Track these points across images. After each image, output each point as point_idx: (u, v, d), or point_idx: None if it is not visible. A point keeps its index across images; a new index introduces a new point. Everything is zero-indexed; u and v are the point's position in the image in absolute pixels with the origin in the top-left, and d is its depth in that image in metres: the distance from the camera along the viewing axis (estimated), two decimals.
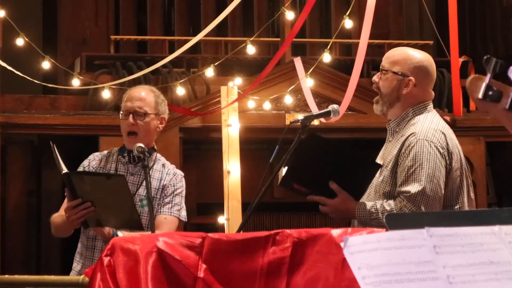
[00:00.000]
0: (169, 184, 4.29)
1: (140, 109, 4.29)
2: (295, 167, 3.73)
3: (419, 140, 3.66)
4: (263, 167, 3.89)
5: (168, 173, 4.33)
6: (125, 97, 4.40)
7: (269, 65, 6.28)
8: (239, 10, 7.85)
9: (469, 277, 1.76)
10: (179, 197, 4.29)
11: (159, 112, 4.34)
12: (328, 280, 2.97)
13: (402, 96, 3.79)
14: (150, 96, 4.35)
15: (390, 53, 3.89)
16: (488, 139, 7.35)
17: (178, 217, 4.27)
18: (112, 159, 4.35)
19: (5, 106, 6.86)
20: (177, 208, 4.27)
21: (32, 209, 7.17)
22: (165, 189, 4.28)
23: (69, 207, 4.01)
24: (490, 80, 2.02)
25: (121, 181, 4.00)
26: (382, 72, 3.84)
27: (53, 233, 4.33)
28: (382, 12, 8.03)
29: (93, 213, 3.99)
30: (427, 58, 3.89)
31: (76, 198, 3.99)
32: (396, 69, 3.80)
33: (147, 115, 4.29)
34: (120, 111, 4.35)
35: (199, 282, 3.11)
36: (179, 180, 4.33)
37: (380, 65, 3.88)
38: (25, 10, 7.82)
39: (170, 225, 4.24)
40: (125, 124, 4.30)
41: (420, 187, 3.60)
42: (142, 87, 4.48)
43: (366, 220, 3.67)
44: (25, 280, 3.73)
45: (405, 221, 1.98)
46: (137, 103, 4.30)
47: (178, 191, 4.30)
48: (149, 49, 7.93)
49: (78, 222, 4.04)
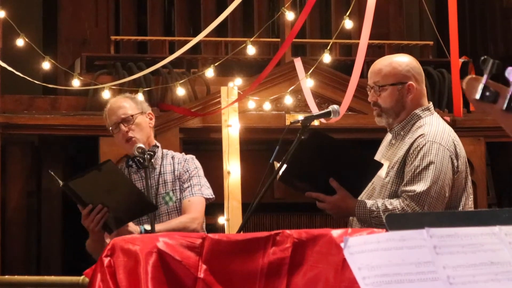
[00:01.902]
0: (183, 171, 4.33)
1: (125, 115, 4.33)
2: (295, 163, 3.72)
3: (428, 142, 3.67)
4: (263, 168, 3.89)
5: (179, 162, 4.37)
6: (105, 114, 4.44)
7: (269, 65, 6.28)
8: (239, 10, 7.85)
9: (469, 277, 1.76)
10: (196, 177, 4.33)
11: (142, 109, 4.40)
12: (328, 280, 2.97)
13: (407, 102, 3.79)
14: (127, 101, 4.41)
15: (375, 69, 3.83)
16: (488, 139, 7.35)
17: (201, 196, 4.29)
18: (125, 172, 4.37)
19: (5, 106, 6.85)
20: (198, 188, 4.30)
21: (32, 209, 7.17)
22: (180, 177, 4.32)
23: (84, 217, 4.02)
24: (487, 81, 2.03)
25: (110, 166, 4.03)
26: (379, 89, 3.81)
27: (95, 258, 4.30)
28: (382, 12, 8.03)
29: (108, 213, 3.99)
30: (410, 58, 3.90)
31: (86, 205, 3.99)
32: (392, 81, 3.79)
33: (134, 116, 4.33)
34: (109, 128, 4.37)
35: (199, 282, 3.11)
36: (191, 163, 4.37)
37: (371, 84, 3.83)
38: (25, 10, 7.82)
39: (196, 205, 4.26)
40: (120, 135, 4.34)
41: (425, 187, 3.61)
42: (116, 98, 4.56)
43: (366, 218, 3.67)
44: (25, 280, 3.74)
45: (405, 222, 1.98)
46: (119, 112, 4.35)
47: (192, 173, 4.34)
48: (149, 49, 7.93)
49: (99, 228, 4.03)
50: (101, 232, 4.08)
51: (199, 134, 7.00)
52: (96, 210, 3.98)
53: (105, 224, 4.02)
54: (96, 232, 4.05)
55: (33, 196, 7.17)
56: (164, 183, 4.30)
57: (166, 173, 4.32)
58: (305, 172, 3.77)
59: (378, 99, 3.80)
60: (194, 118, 6.91)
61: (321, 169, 3.76)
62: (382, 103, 3.79)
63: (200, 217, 4.22)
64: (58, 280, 3.64)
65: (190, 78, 7.06)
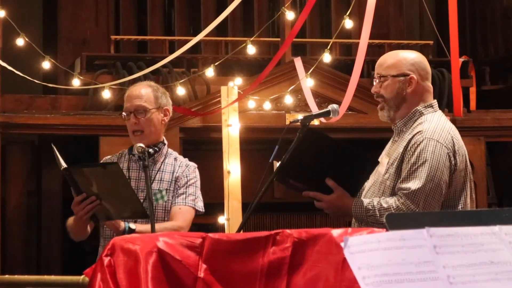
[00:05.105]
0: (182, 176, 4.30)
1: (139, 107, 4.29)
2: (291, 162, 3.72)
3: (425, 139, 3.67)
4: (263, 167, 3.89)
5: (181, 165, 4.34)
6: (125, 97, 4.42)
7: (269, 65, 6.28)
8: (239, 10, 7.85)
9: (469, 277, 1.76)
10: (193, 187, 4.30)
11: (160, 105, 4.35)
12: (328, 280, 2.97)
13: (408, 95, 3.80)
14: (148, 92, 4.35)
15: (382, 60, 3.89)
16: (488, 139, 7.36)
17: (193, 207, 4.28)
18: (124, 159, 4.37)
19: (5, 106, 6.86)
20: (192, 198, 4.28)
21: (32, 209, 7.17)
22: (178, 180, 4.29)
23: (76, 203, 4.03)
24: None
25: (115, 169, 4.02)
26: (380, 80, 3.83)
27: (72, 238, 4.31)
28: (382, 12, 8.04)
29: (100, 206, 4.01)
30: (418, 54, 3.93)
31: (81, 193, 4.00)
32: (394, 72, 3.81)
33: (148, 111, 4.29)
34: (123, 114, 4.36)
35: (199, 282, 3.11)
36: (192, 171, 4.34)
37: (375, 75, 3.87)
38: (25, 10, 7.82)
39: (185, 214, 4.24)
40: (129, 124, 4.32)
41: (420, 184, 3.61)
42: (140, 84, 4.48)
43: (363, 216, 3.68)
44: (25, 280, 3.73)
45: (406, 221, 1.98)
46: (136, 101, 4.31)
47: (191, 181, 4.31)
48: (149, 49, 7.94)
49: (87, 217, 4.05)
50: (88, 220, 4.10)
51: (199, 133, 7.00)
52: (88, 200, 3.99)
53: (94, 215, 4.04)
54: (82, 220, 4.06)
55: (33, 195, 7.17)
56: (160, 180, 4.29)
57: (165, 171, 4.31)
58: (301, 171, 3.77)
59: (380, 90, 3.82)
60: (194, 118, 6.91)
61: (317, 168, 3.76)
62: (384, 93, 3.81)
63: (185, 227, 4.22)
64: (58, 280, 3.64)
65: (190, 77, 7.06)
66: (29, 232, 7.14)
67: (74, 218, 4.16)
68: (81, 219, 4.07)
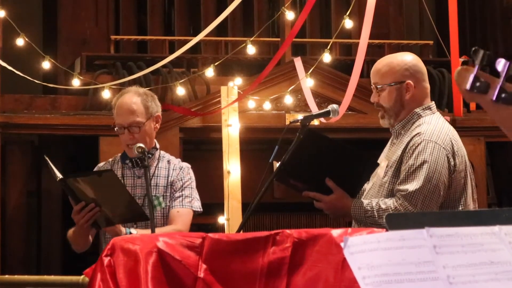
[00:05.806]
0: (177, 179, 4.29)
1: (133, 123, 4.23)
2: (291, 162, 3.72)
3: (423, 141, 3.66)
4: (263, 167, 3.89)
5: (174, 168, 4.32)
6: (114, 106, 4.32)
7: (269, 65, 6.28)
8: (239, 10, 7.85)
9: (469, 277, 1.76)
10: (188, 189, 4.29)
11: (151, 114, 4.27)
12: (328, 280, 2.97)
13: (406, 101, 3.79)
14: (138, 103, 4.26)
15: (375, 69, 3.86)
16: (488, 139, 7.35)
17: (191, 209, 4.27)
18: (118, 166, 4.35)
19: (5, 106, 6.86)
20: (188, 200, 4.27)
21: (32, 209, 7.17)
22: (173, 184, 4.28)
23: (75, 212, 4.03)
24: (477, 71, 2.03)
25: (110, 175, 4.02)
26: (377, 90, 3.83)
27: (74, 249, 4.29)
28: (382, 12, 8.03)
29: (100, 213, 4.01)
30: (412, 56, 3.89)
31: (79, 202, 4.00)
32: (390, 81, 3.79)
33: (142, 125, 4.23)
34: (115, 127, 4.28)
35: (199, 282, 3.11)
36: (186, 173, 4.32)
37: (372, 84, 3.86)
38: (25, 10, 7.82)
39: (184, 217, 4.23)
40: (122, 138, 4.29)
41: (418, 186, 3.61)
42: (128, 93, 4.33)
43: (361, 218, 3.68)
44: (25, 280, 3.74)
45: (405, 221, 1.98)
46: (129, 118, 4.22)
47: (186, 183, 4.30)
48: (149, 49, 7.94)
49: (87, 225, 4.05)
50: (89, 228, 4.10)
51: (199, 133, 7.01)
52: (88, 207, 3.99)
53: (94, 221, 4.04)
54: (84, 228, 4.06)
55: (33, 195, 7.17)
56: (156, 186, 4.28)
57: (160, 176, 4.30)
58: (301, 171, 3.77)
59: (379, 99, 3.81)
60: (194, 118, 6.91)
61: (317, 168, 3.76)
62: (383, 103, 3.81)
63: (185, 230, 4.21)
64: (58, 280, 3.64)
65: (190, 77, 7.06)
66: (29, 232, 7.15)
67: (74, 229, 4.16)
68: (82, 228, 4.06)
